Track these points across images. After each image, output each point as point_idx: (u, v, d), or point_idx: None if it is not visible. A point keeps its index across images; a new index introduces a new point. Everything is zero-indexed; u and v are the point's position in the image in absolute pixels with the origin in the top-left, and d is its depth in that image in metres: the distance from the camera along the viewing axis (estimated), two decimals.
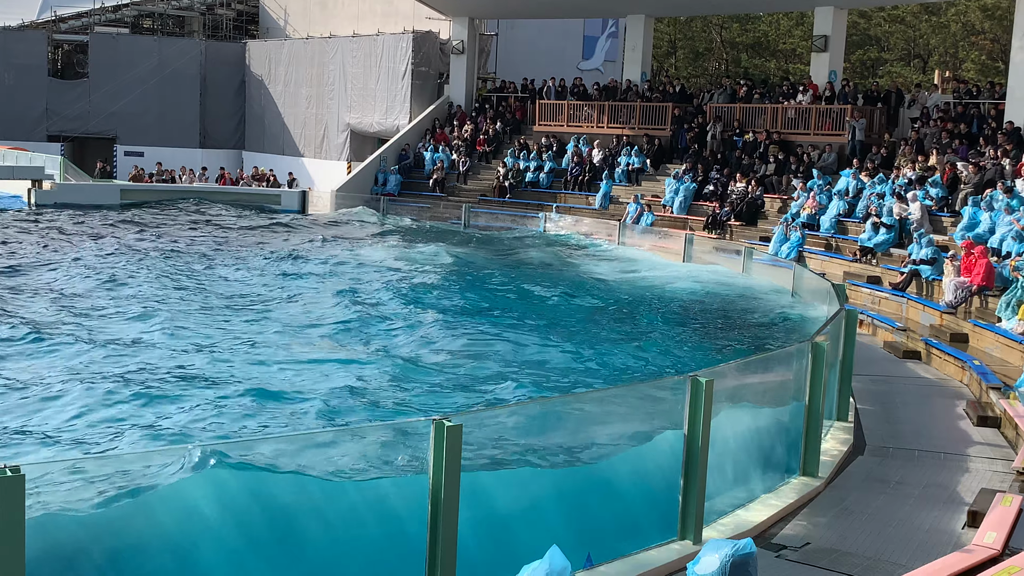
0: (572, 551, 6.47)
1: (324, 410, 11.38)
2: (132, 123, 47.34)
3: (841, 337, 12.07)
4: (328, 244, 27.30)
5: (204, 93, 49.00)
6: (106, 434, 10.52)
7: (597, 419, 8.54)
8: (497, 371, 13.45)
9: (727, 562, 4.36)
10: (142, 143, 47.05)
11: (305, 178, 43.93)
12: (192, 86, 48.56)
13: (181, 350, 14.16)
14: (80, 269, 20.83)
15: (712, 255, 25.39)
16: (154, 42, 49.43)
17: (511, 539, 7.55)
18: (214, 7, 52.80)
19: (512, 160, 35.65)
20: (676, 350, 15.57)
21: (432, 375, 13.29)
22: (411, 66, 40.56)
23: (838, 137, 29.57)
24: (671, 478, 8.21)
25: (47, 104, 47.48)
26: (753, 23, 59.89)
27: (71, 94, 47.84)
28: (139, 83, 47.17)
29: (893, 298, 20.53)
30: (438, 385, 12.82)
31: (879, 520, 9.24)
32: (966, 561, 7.57)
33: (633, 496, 8.42)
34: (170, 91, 47.84)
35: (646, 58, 37.56)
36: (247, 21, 53.51)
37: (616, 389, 11.06)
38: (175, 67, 47.83)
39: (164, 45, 49.06)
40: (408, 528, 6.93)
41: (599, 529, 8.00)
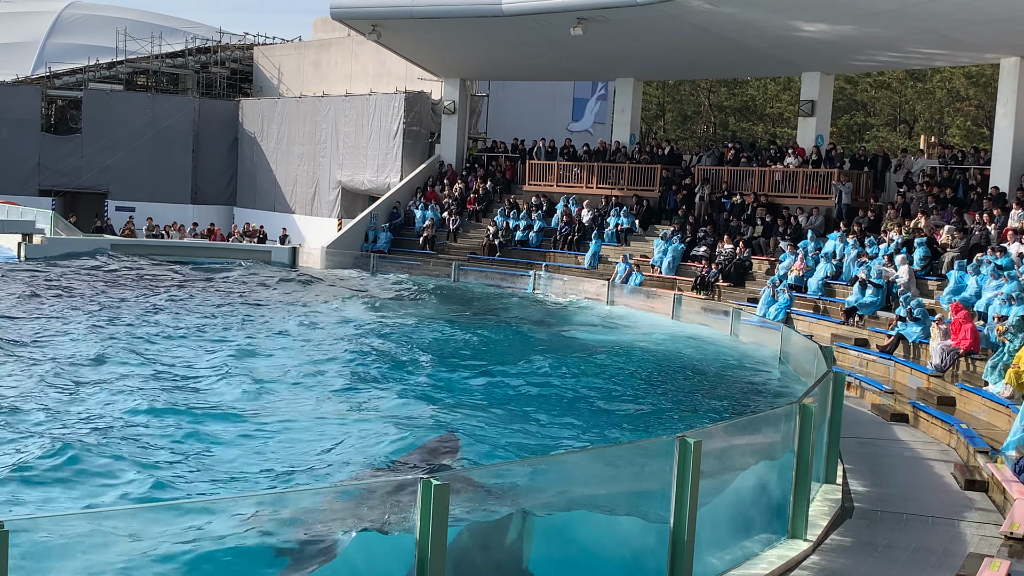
0: None
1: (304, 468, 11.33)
2: (124, 178, 47.51)
3: (829, 399, 12.07)
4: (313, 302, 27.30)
5: (197, 149, 49.26)
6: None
7: (582, 478, 8.52)
8: (482, 435, 13.41)
9: None
10: (134, 198, 47.18)
11: (296, 234, 44.05)
12: (185, 142, 48.83)
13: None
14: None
15: (700, 315, 25.47)
16: (148, 99, 49.77)
17: None
18: (208, 65, 53.25)
19: (502, 219, 35.84)
20: (663, 412, 15.55)
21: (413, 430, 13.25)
22: (403, 125, 40.90)
23: (825, 200, 29.83)
24: (660, 539, 8.17)
25: (39, 159, 47.64)
26: (741, 87, 60.57)
27: (64, 149, 48.03)
28: (132, 139, 47.43)
29: (880, 361, 20.59)
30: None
31: None
32: None
33: (620, 559, 8.37)
34: (163, 147, 48.09)
35: (635, 120, 37.97)
36: (241, 79, 53.96)
37: (600, 450, 11.04)
38: (168, 123, 48.14)
39: (158, 102, 49.39)
40: None
41: None
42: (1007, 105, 26.91)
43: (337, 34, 46.87)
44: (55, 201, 46.64)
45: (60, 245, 34.80)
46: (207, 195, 49.64)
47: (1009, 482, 12.03)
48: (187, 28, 57.23)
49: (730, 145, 36.16)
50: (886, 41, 28.43)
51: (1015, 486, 11.86)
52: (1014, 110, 26.59)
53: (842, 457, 13.29)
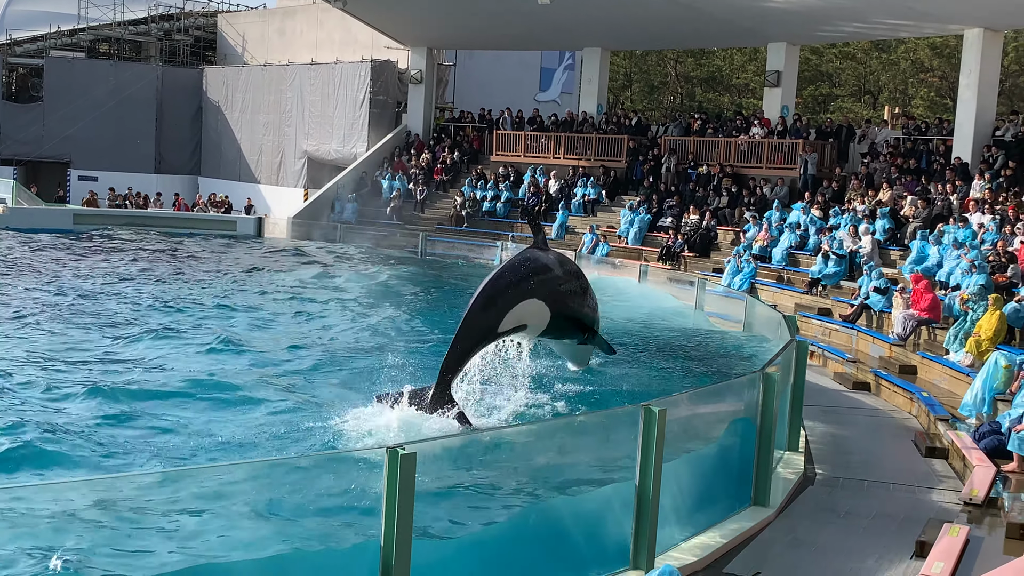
0: None
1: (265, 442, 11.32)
2: (87, 148, 46.93)
3: (792, 368, 12.19)
4: (276, 271, 27.18)
5: (160, 118, 48.72)
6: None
7: (548, 449, 8.58)
8: None
9: None
10: (97, 168, 46.63)
11: (261, 205, 43.77)
12: (148, 111, 48.27)
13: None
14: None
15: (666, 286, 25.58)
16: (110, 67, 49.11)
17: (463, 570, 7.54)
18: (171, 33, 52.58)
19: (469, 190, 35.78)
20: (627, 380, 15.63)
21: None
22: (369, 95, 40.63)
23: (790, 171, 29.98)
24: (625, 506, 8.25)
25: (0, 127, 46.97)
26: (707, 58, 60.60)
27: (25, 118, 47.36)
28: (94, 108, 46.83)
29: (843, 330, 20.80)
30: None
31: (829, 549, 9.33)
32: None
33: (586, 525, 8.44)
34: (126, 116, 47.49)
35: (602, 91, 37.93)
36: (204, 47, 53.34)
37: (567, 419, 11.11)
38: (131, 92, 47.55)
39: (120, 70, 48.76)
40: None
41: (552, 559, 8.01)
42: (970, 76, 27.10)
43: (302, 1, 46.46)
44: (16, 171, 46.01)
45: (22, 215, 34.42)
46: (171, 165, 49.14)
47: (969, 449, 12.22)
48: None
49: (696, 116, 36.23)
50: (851, 12, 28.51)
51: (974, 453, 12.06)
52: (977, 81, 26.79)
53: (805, 425, 13.44)
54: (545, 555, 7.96)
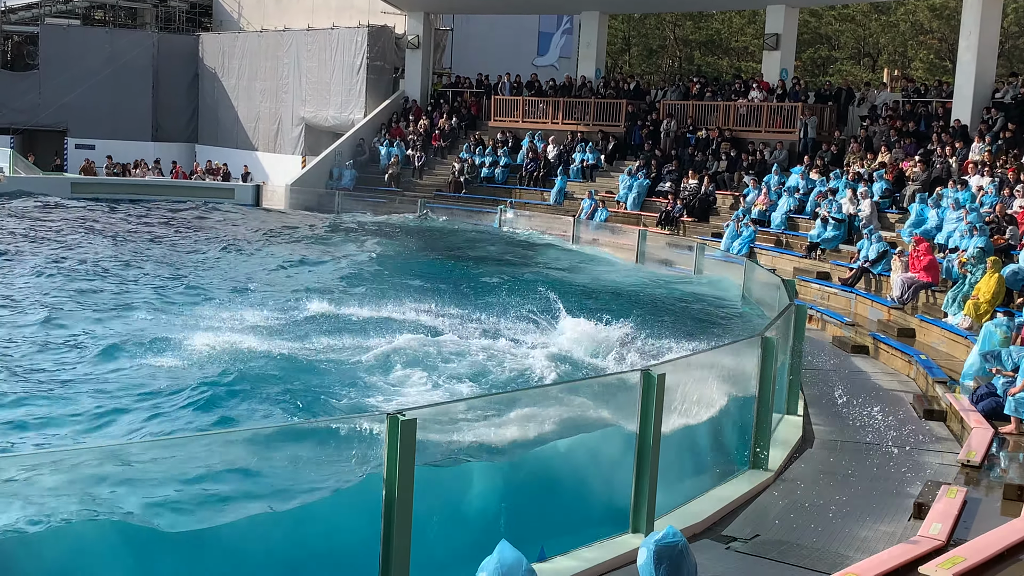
0: (525, 545, 6.56)
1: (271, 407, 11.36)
2: (83, 116, 46.71)
3: (791, 332, 12.21)
4: (275, 239, 27.18)
5: (156, 86, 48.46)
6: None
7: (550, 413, 8.61)
8: (444, 366, 13.47)
9: (651, 549, 4.50)
10: (93, 136, 46.46)
11: (259, 172, 43.65)
12: (144, 79, 48.00)
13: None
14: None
15: (665, 251, 25.59)
16: (106, 34, 48.82)
17: (462, 534, 7.60)
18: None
19: (467, 155, 35.68)
20: (625, 343, 15.67)
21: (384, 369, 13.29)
22: (366, 60, 40.41)
23: (789, 134, 29.90)
24: (624, 471, 8.29)
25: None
26: (706, 21, 60.28)
27: (21, 86, 47.12)
28: (90, 75, 46.57)
29: (842, 294, 20.82)
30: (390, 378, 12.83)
31: (828, 512, 9.38)
32: (912, 552, 7.71)
33: (586, 489, 8.50)
34: (122, 83, 47.23)
35: (600, 55, 37.74)
36: (200, 13, 52.98)
37: (567, 384, 11.14)
38: (127, 59, 47.28)
39: (116, 37, 48.47)
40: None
41: (552, 523, 8.07)
42: (970, 38, 26.96)
43: None
44: (13, 139, 45.84)
45: (19, 184, 34.33)
46: (168, 132, 48.94)
47: (966, 411, 12.27)
48: None
49: (695, 80, 36.07)
50: None
51: (972, 415, 12.11)
52: (977, 43, 26.65)
53: (803, 389, 13.49)
54: (543, 517, 8.01)
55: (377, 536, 6.52)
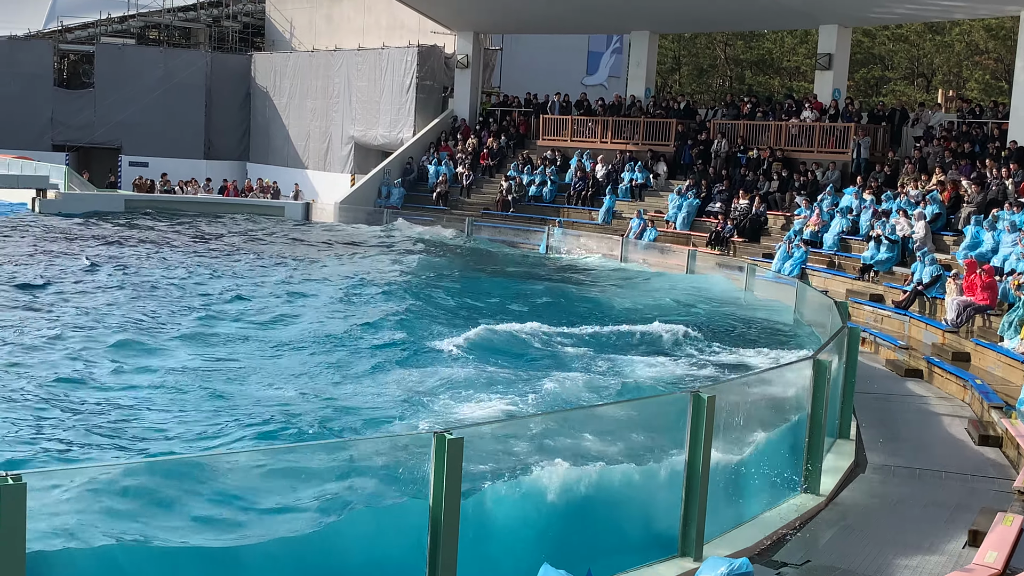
0: (572, 566, 6.47)
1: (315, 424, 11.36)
2: (137, 133, 47.40)
3: (843, 355, 12.05)
4: (328, 257, 27.30)
5: (209, 104, 49.08)
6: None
7: (598, 433, 8.52)
8: (492, 384, 13.43)
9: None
10: (147, 153, 47.12)
11: (309, 190, 43.99)
12: (197, 97, 48.64)
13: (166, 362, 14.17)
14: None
15: (715, 271, 25.40)
16: (160, 53, 49.55)
17: (509, 555, 7.52)
18: (220, 19, 52.94)
19: (515, 174, 35.70)
20: (676, 366, 15.54)
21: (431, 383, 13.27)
22: (416, 80, 40.65)
23: (841, 155, 29.61)
24: (673, 494, 8.18)
25: (52, 114, 47.57)
26: (757, 40, 60.01)
27: (76, 104, 47.93)
28: (144, 94, 47.27)
29: (895, 316, 20.51)
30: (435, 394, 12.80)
31: (880, 538, 9.21)
32: None
33: (634, 512, 8.38)
34: (175, 102, 47.90)
35: (650, 74, 37.66)
36: (253, 33, 53.65)
37: (616, 405, 11.04)
38: (180, 78, 47.94)
39: (170, 56, 49.18)
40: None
41: (599, 545, 7.97)
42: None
43: None
44: (68, 156, 46.61)
45: (75, 200, 34.83)
46: (220, 150, 49.52)
47: (1023, 437, 12.00)
48: None
49: (746, 99, 35.86)
50: None
51: None
52: None
53: (856, 412, 13.29)
54: (589, 539, 7.92)
55: (423, 556, 6.48)
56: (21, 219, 31.75)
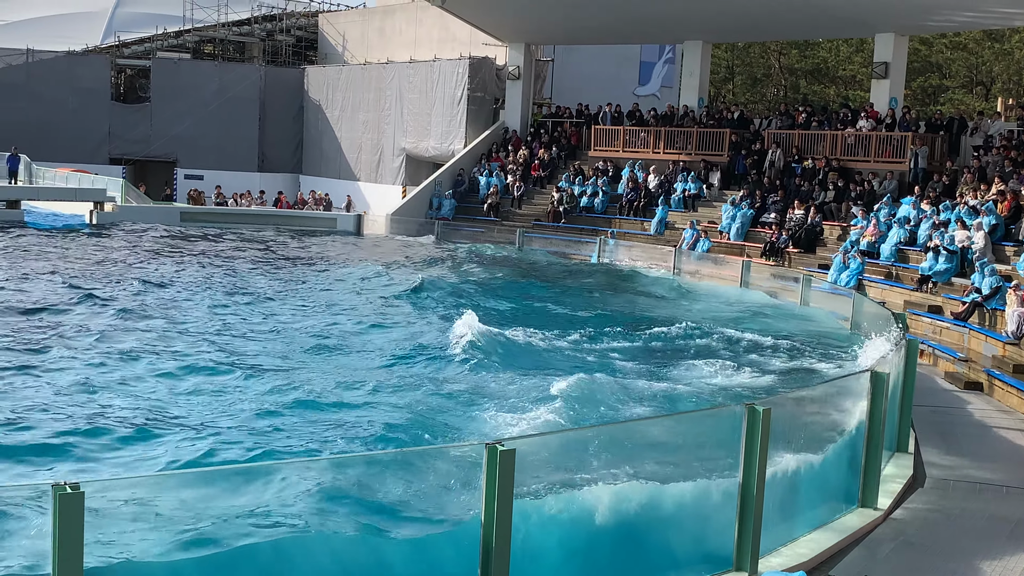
0: None
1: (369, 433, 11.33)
2: (192, 147, 48.02)
3: (901, 367, 11.83)
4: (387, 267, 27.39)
5: (263, 118, 49.59)
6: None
7: (650, 446, 8.40)
8: (545, 396, 13.34)
9: None
10: (202, 166, 47.71)
11: (360, 202, 44.23)
12: (251, 111, 49.18)
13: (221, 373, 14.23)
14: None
15: (770, 282, 25.13)
16: (215, 67, 50.16)
17: (558, 572, 7.42)
18: (274, 33, 53.49)
19: (567, 185, 35.62)
20: (731, 378, 15.36)
21: (477, 398, 13.21)
22: (467, 91, 40.75)
23: (899, 164, 29.19)
24: (727, 508, 8.04)
25: (110, 127, 48.32)
26: (812, 49, 59.50)
27: (133, 118, 48.64)
28: (200, 107, 47.89)
29: (954, 328, 20.13)
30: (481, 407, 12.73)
31: (939, 553, 9.00)
32: None
33: (687, 527, 8.25)
34: (230, 115, 48.48)
35: (703, 84, 37.43)
36: (306, 47, 54.14)
37: (669, 418, 10.90)
38: (235, 92, 48.51)
39: (224, 70, 49.77)
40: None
41: (652, 561, 7.84)
42: None
43: (402, 0, 46.79)
44: (125, 169, 47.29)
45: (131, 213, 35.28)
46: (274, 163, 50.01)
47: None
48: None
49: (801, 108, 35.51)
50: (963, 0, 27.64)
51: None
52: None
53: (914, 425, 13.07)
54: (642, 553, 7.80)
55: (474, 570, 6.41)
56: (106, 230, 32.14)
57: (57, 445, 10.70)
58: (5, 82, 47.67)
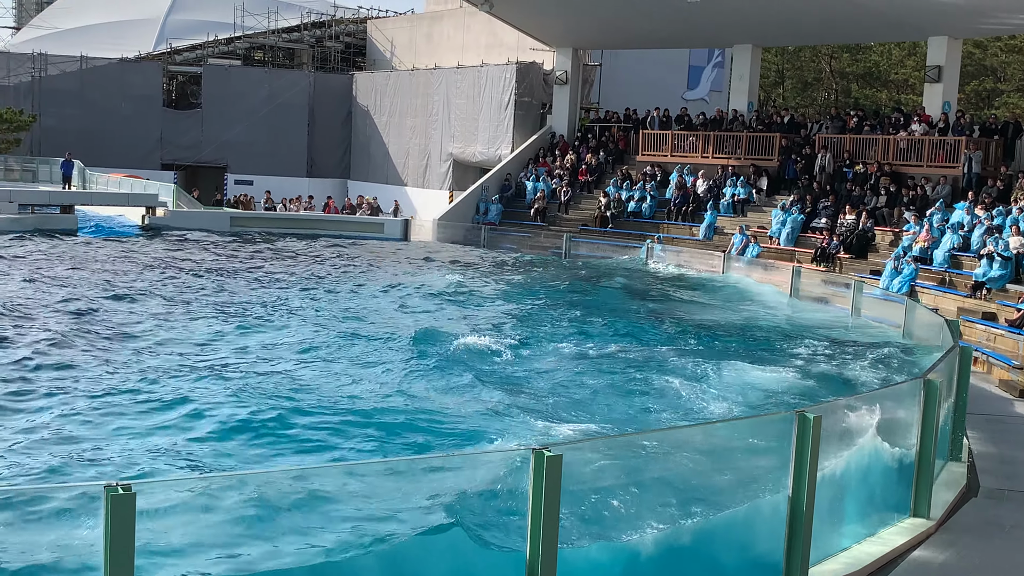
0: None
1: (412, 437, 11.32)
2: (242, 152, 48.48)
3: (955, 375, 11.62)
4: (431, 271, 27.43)
5: (312, 123, 49.97)
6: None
7: (697, 453, 8.29)
8: (590, 401, 13.26)
9: None
10: (252, 172, 48.16)
11: (408, 207, 44.38)
12: (300, 116, 49.57)
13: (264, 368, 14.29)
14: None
15: (820, 288, 24.84)
16: (265, 74, 50.62)
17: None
18: (323, 40, 53.89)
19: (614, 190, 35.50)
20: (780, 383, 15.19)
21: (527, 402, 13.15)
22: (514, 96, 40.77)
23: (952, 169, 28.77)
24: (777, 517, 7.92)
25: (162, 133, 48.92)
26: (864, 53, 58.88)
27: (184, 124, 49.21)
28: (250, 113, 48.35)
29: (1009, 335, 19.78)
30: (532, 411, 12.67)
31: (993, 564, 8.82)
32: None
33: (735, 535, 8.14)
34: (279, 121, 48.91)
35: (753, 88, 37.15)
36: (355, 53, 54.50)
37: (717, 424, 10.79)
38: (284, 98, 48.92)
39: (274, 77, 50.21)
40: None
41: (699, 572, 7.74)
42: None
43: (449, 6, 46.94)
44: (177, 175, 47.82)
45: (182, 218, 35.65)
46: (322, 168, 50.37)
47: None
48: (303, 3, 57.99)
49: (852, 113, 35.13)
50: (1018, 2, 27.19)
51: None
52: None
53: (968, 434, 12.83)
54: (688, 562, 7.70)
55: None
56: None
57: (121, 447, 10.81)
58: (60, 89, 48.43)
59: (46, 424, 11.53)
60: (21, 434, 11.17)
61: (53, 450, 10.59)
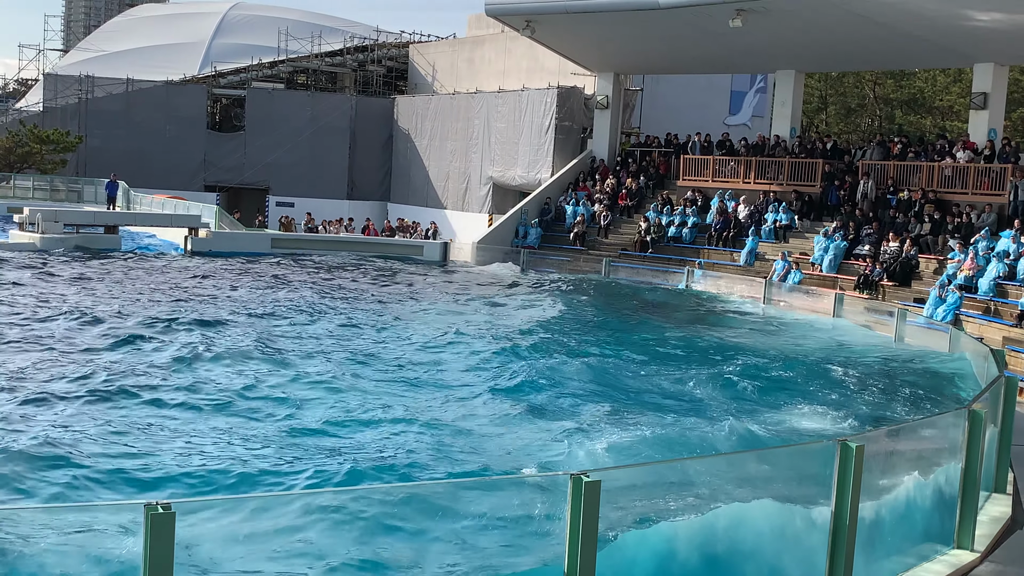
0: None
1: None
2: (284, 174, 48.88)
3: (1000, 405, 11.42)
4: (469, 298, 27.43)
5: (353, 146, 50.32)
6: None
7: (737, 482, 8.18)
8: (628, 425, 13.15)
9: None
10: (293, 194, 48.52)
11: (447, 230, 44.48)
12: (342, 139, 49.94)
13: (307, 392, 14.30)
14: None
15: (863, 316, 24.58)
16: (307, 97, 51.05)
17: None
18: (365, 63, 54.31)
19: (654, 215, 35.39)
20: (822, 413, 15.00)
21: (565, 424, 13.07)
22: (555, 121, 40.82)
23: (997, 197, 28.44)
24: (818, 547, 7.79)
25: (205, 155, 49.44)
26: (908, 79, 58.49)
27: (228, 146, 49.72)
28: (292, 136, 48.77)
29: None
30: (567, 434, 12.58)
31: None
32: None
33: (774, 567, 8.00)
34: (321, 144, 49.30)
35: (796, 114, 36.97)
36: (396, 77, 54.88)
37: (758, 452, 10.65)
38: (326, 121, 49.32)
39: (317, 100, 50.64)
40: None
41: None
42: None
43: (491, 30, 47.15)
44: (219, 196, 48.26)
45: (224, 239, 35.93)
46: (362, 191, 50.66)
47: None
48: (345, 27, 58.61)
49: (896, 139, 34.84)
50: None
51: None
52: None
53: (1013, 466, 12.58)
54: None
55: None
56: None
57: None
58: (106, 110, 49.10)
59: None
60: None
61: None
